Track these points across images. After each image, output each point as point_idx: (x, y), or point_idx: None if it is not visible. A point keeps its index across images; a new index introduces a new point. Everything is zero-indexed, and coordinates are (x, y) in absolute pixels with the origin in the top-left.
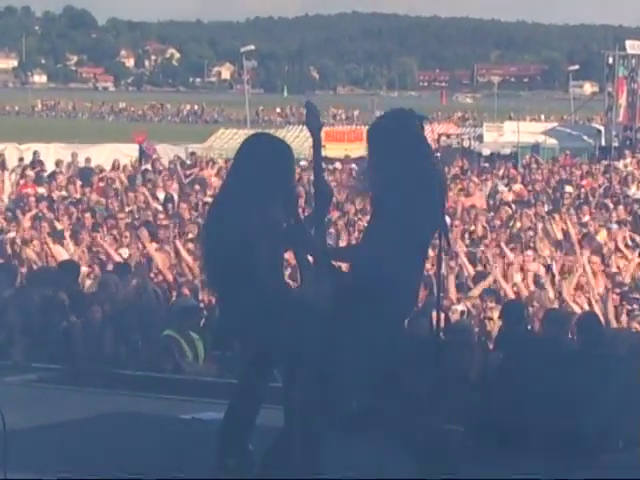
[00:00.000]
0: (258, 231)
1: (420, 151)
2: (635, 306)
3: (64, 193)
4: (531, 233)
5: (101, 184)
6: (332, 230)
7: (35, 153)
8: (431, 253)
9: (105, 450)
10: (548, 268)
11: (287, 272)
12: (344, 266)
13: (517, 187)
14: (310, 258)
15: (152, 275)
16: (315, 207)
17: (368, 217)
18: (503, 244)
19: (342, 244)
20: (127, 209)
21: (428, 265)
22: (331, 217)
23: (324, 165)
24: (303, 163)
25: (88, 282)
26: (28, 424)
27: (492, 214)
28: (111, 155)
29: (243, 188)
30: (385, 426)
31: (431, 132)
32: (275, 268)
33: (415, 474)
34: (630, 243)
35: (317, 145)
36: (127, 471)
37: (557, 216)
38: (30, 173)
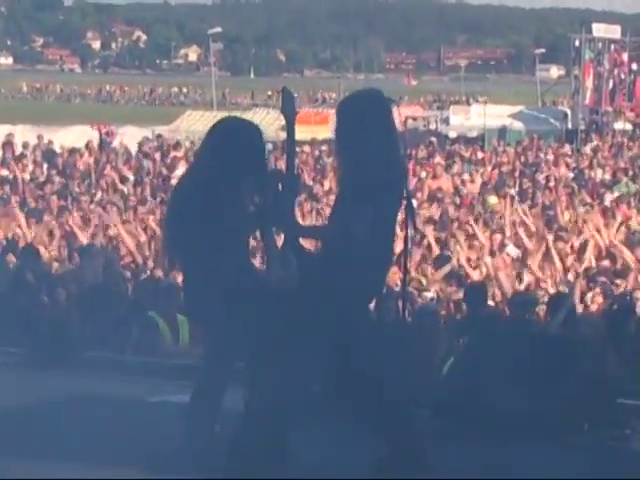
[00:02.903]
0: (223, 212)
1: (387, 131)
2: (598, 289)
3: (28, 175)
4: (498, 216)
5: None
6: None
7: (9, 135)
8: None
9: (70, 434)
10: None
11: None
12: (310, 246)
13: (484, 170)
14: (278, 240)
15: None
16: (282, 195)
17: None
18: (475, 226)
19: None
20: (93, 191)
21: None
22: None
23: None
24: (269, 147)
25: (55, 265)
26: None
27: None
28: (78, 137)
29: (210, 170)
30: (350, 410)
31: (398, 115)
32: (240, 250)
33: (384, 458)
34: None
35: (291, 132)
36: (94, 455)
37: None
38: None
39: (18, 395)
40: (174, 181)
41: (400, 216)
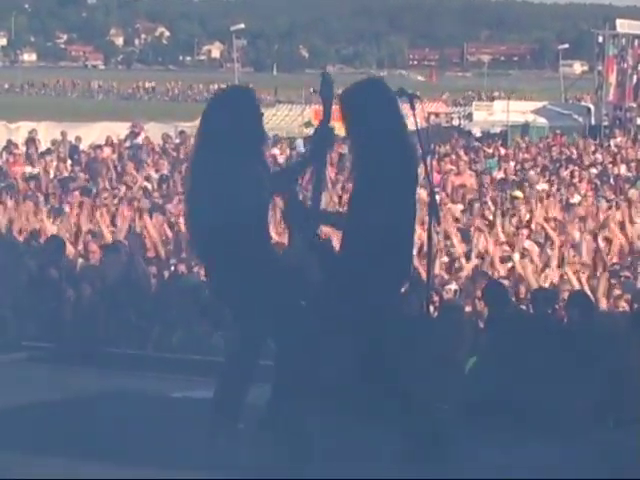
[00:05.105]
0: (242, 187)
1: (392, 119)
2: (616, 283)
3: (52, 172)
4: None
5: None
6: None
7: (32, 131)
8: (421, 231)
9: (95, 429)
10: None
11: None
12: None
13: (507, 166)
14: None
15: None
16: (315, 146)
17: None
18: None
19: None
20: (116, 187)
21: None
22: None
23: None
24: (299, 141)
25: (80, 261)
26: (17, 403)
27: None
28: (101, 134)
29: (219, 145)
30: (372, 406)
31: (421, 111)
32: (261, 231)
33: (405, 454)
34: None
35: (327, 114)
36: (116, 452)
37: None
38: (19, 152)
39: (43, 390)
40: None
41: (423, 212)
